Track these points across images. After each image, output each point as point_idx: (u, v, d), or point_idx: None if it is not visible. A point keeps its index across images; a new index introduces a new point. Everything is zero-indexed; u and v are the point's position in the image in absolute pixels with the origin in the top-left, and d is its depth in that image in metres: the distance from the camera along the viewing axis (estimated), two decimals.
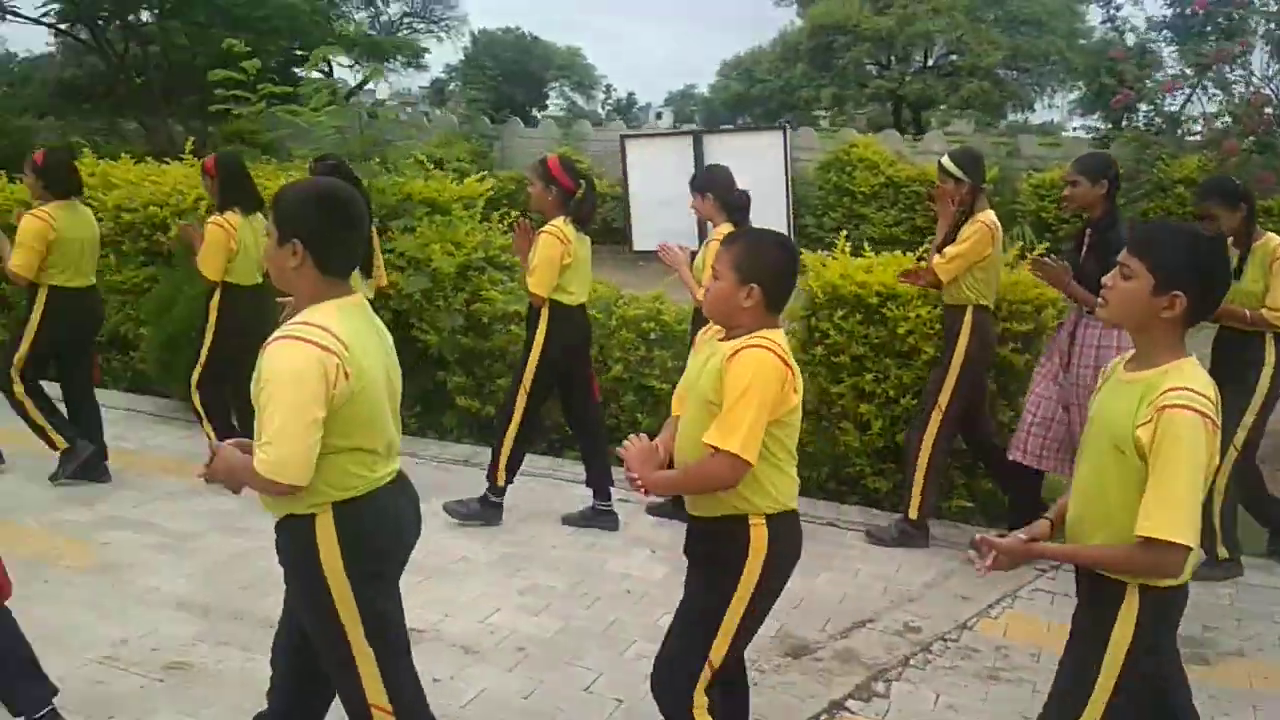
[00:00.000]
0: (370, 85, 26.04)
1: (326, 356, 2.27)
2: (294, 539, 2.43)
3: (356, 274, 5.20)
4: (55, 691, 3.04)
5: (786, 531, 2.68)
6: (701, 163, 5.76)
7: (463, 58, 45.23)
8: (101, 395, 6.98)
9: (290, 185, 2.51)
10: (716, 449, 2.52)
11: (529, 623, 4.10)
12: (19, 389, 5.29)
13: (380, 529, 2.46)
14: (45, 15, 18.47)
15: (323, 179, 2.66)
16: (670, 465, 2.75)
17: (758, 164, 5.67)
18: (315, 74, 23.97)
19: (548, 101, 50.77)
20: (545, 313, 4.93)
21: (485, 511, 5.07)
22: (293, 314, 2.41)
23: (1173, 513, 2.21)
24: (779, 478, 2.64)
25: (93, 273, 5.41)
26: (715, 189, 5.13)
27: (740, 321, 2.64)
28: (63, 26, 19.78)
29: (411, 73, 31.79)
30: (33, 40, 51.33)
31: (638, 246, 13.80)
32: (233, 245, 5.22)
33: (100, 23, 18.60)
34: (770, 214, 5.85)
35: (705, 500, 2.67)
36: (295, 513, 2.41)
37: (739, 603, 2.64)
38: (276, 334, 2.33)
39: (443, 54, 79.66)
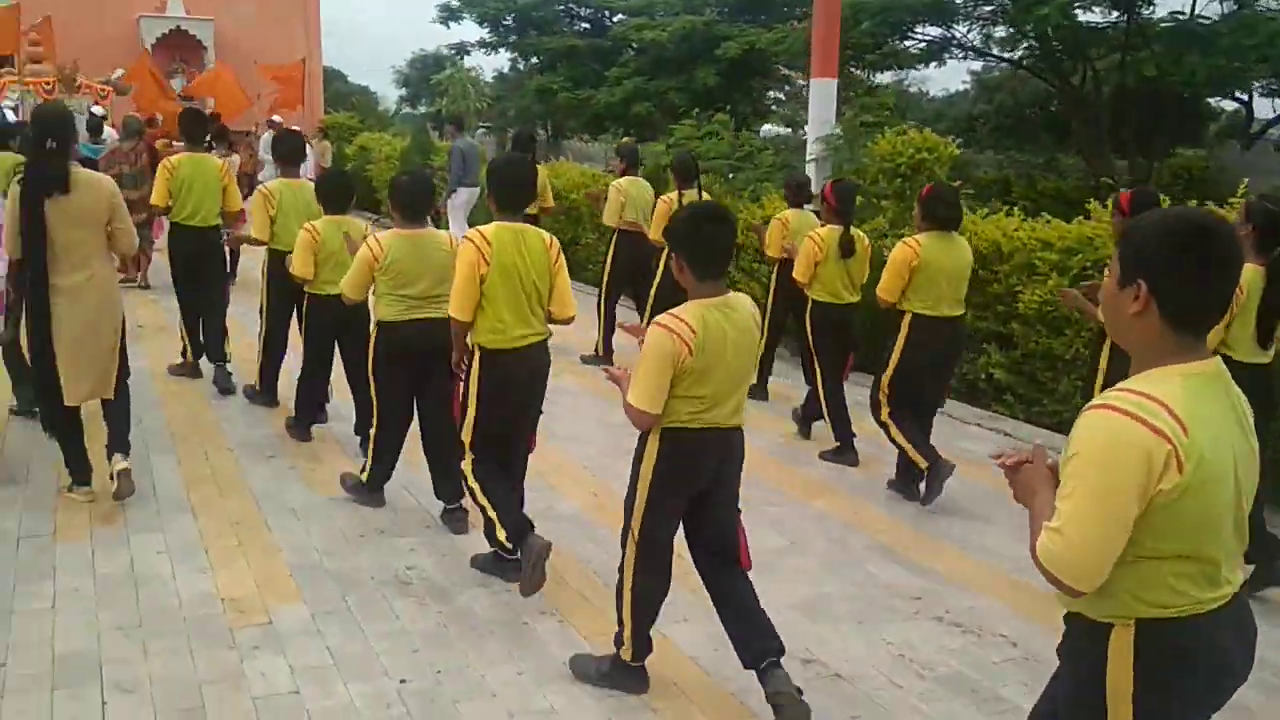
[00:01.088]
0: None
1: (1157, 441, 1.85)
2: (1081, 643, 2.07)
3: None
4: None
5: None
6: None
7: None
8: None
9: (1148, 215, 2.06)
10: None
11: None
12: (884, 412, 5.49)
13: (1195, 664, 2.00)
14: (1015, 53, 19.66)
15: (1183, 210, 2.08)
16: None
17: None
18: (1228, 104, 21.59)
19: None
20: None
21: None
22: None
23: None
24: None
25: (957, 304, 5.44)
26: None
27: None
28: (1018, 59, 20.84)
29: None
30: (949, 80, 56.33)
31: None
32: None
33: (1059, 57, 19.17)
34: None
35: None
36: (1086, 615, 2.04)
37: None
38: (1100, 399, 1.96)
39: None
